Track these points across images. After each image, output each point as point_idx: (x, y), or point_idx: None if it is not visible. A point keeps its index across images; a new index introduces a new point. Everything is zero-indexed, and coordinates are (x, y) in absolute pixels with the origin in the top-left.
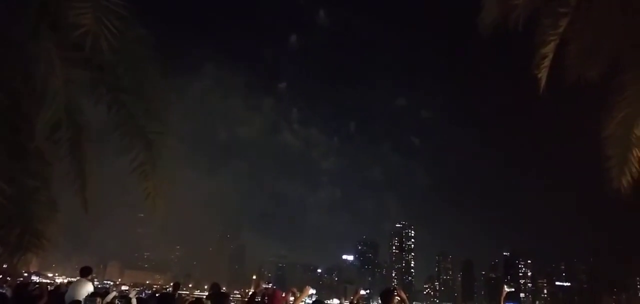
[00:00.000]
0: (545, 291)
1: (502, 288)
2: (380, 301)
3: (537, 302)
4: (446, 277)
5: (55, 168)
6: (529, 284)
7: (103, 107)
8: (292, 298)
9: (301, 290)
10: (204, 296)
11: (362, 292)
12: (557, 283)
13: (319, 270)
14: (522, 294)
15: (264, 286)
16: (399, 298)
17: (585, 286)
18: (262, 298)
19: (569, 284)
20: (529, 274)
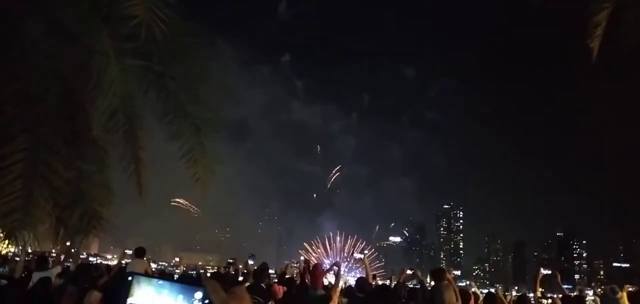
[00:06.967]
0: (601, 272)
1: (539, 270)
2: (431, 279)
3: (593, 283)
4: (496, 258)
5: (110, 154)
6: (585, 265)
7: (153, 95)
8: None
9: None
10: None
11: (409, 272)
12: (614, 264)
13: (366, 252)
14: (577, 276)
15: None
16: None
17: None
18: (305, 272)
19: (627, 265)
20: (585, 254)
